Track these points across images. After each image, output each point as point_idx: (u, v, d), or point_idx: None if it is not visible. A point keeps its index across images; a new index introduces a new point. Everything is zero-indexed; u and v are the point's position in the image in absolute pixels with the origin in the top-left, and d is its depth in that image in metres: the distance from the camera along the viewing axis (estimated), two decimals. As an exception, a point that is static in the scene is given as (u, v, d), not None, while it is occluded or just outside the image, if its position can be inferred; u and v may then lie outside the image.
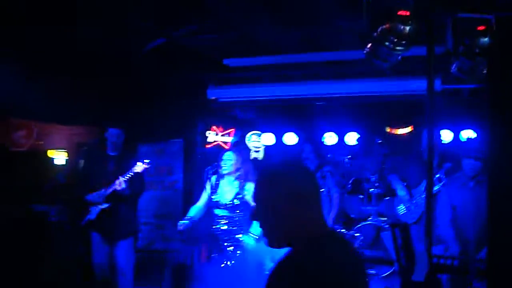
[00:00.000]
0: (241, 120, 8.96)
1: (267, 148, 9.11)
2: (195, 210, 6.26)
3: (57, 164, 9.54)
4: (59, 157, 9.53)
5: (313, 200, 2.10)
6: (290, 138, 8.85)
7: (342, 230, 7.83)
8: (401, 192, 6.75)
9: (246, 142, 9.15)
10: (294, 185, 2.07)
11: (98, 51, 6.74)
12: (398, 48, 4.39)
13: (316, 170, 7.17)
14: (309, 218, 2.07)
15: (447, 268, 4.81)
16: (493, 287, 3.67)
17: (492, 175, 3.78)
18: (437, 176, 6.13)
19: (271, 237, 2.11)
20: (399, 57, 4.62)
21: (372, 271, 7.47)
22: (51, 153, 9.52)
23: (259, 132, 9.05)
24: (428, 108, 4.35)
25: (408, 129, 8.50)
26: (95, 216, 6.42)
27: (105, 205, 6.39)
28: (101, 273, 6.47)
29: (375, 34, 4.35)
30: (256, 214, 2.14)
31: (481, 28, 4.60)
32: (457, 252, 5.43)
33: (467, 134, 8.07)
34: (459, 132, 8.31)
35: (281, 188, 2.06)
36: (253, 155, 9.14)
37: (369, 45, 4.52)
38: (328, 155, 8.68)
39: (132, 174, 6.30)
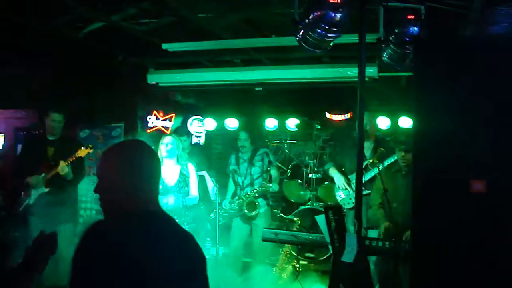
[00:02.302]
0: (183, 105, 8.92)
1: (209, 133, 9.10)
2: None
3: (-6, 148, 9.31)
4: (-4, 141, 9.31)
5: (147, 180, 2.19)
6: (232, 123, 8.86)
7: (281, 215, 7.94)
8: (338, 178, 6.85)
9: (188, 127, 9.12)
10: (132, 162, 2.17)
11: (38, 35, 6.61)
12: (329, 35, 4.42)
13: (252, 156, 7.19)
14: (139, 195, 2.15)
15: (376, 250, 4.92)
16: (416, 268, 3.78)
17: (416, 163, 3.87)
18: (371, 161, 6.24)
19: (105, 209, 2.20)
20: (331, 44, 4.68)
21: (311, 255, 7.60)
22: (-13, 137, 9.29)
23: (200, 117, 9.03)
24: (359, 95, 4.41)
25: (347, 115, 8.61)
26: (34, 200, 6.32)
27: (45, 190, 6.30)
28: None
29: (306, 21, 4.38)
30: (96, 187, 2.21)
31: (411, 17, 4.72)
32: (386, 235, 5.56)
33: (404, 121, 8.25)
34: (397, 119, 8.48)
35: (118, 163, 2.16)
36: (194, 139, 9.13)
37: (301, 32, 4.55)
38: (266, 140, 8.72)
39: (74, 158, 6.24)
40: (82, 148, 6.29)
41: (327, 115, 8.59)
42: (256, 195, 6.94)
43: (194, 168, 6.32)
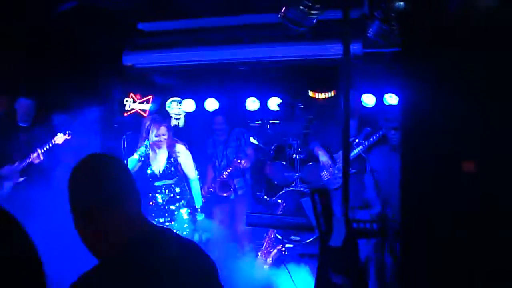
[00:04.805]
0: (160, 86, 8.66)
1: (188, 115, 8.86)
2: (133, 163, 6.06)
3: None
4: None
5: (129, 197, 1.91)
6: (211, 104, 8.64)
7: (265, 197, 7.79)
8: (323, 158, 6.73)
9: (166, 108, 8.87)
10: (108, 184, 1.88)
11: (7, 14, 6.33)
12: (312, 12, 4.25)
13: (227, 138, 7.10)
14: (125, 220, 1.87)
15: (365, 232, 4.80)
16: (405, 248, 3.67)
17: (405, 142, 3.74)
18: (356, 140, 6.12)
19: (91, 248, 1.89)
20: (314, 21, 4.48)
21: (296, 238, 7.47)
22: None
23: (179, 99, 8.79)
24: (344, 75, 4.22)
25: (331, 94, 8.43)
26: (9, 191, 6.09)
27: (20, 179, 6.08)
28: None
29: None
30: (76, 224, 1.90)
31: (396, -9, 4.53)
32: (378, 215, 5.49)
33: (390, 99, 8.10)
34: (382, 96, 8.32)
35: (87, 187, 1.87)
36: (173, 122, 8.88)
37: (283, 9, 4.35)
38: (248, 121, 8.53)
39: (51, 145, 6.03)
40: (59, 134, 6.09)
41: (310, 93, 8.40)
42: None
43: (184, 147, 6.16)
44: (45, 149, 6.06)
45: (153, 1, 6.23)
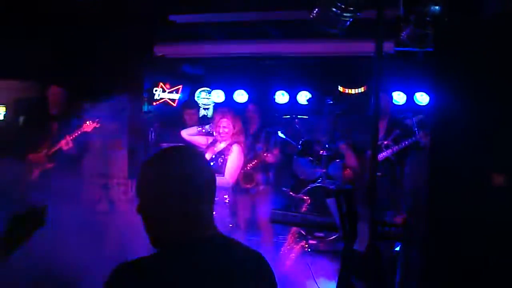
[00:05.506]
0: (190, 76, 8.67)
1: (217, 106, 8.86)
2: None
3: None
4: (-2, 111, 9.09)
5: (201, 196, 1.84)
6: (240, 96, 8.62)
7: (290, 193, 7.75)
8: (349, 157, 6.66)
9: (195, 99, 8.89)
10: (180, 173, 1.81)
11: (39, 2, 6.38)
12: (345, 14, 4.18)
13: (260, 130, 7.02)
14: (194, 216, 1.81)
15: (389, 235, 4.75)
16: (428, 256, 3.63)
17: (433, 144, 3.68)
18: (385, 143, 6.04)
19: (154, 235, 1.85)
20: (347, 23, 4.41)
21: (320, 234, 7.44)
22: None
23: (208, 89, 8.79)
24: (375, 79, 4.16)
25: (361, 89, 8.35)
26: (38, 177, 6.18)
27: (48, 165, 6.15)
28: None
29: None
30: (139, 207, 1.85)
31: (432, -5, 4.43)
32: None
33: (421, 97, 8.01)
34: (413, 94, 8.23)
35: (162, 176, 1.80)
36: (202, 112, 8.90)
37: (316, 9, 4.29)
38: (276, 115, 8.49)
39: (80, 133, 6.09)
40: (88, 122, 6.14)
41: (340, 88, 8.32)
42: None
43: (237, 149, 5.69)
44: (74, 136, 6.11)
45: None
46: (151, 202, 1.81)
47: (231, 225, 5.98)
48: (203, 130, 5.89)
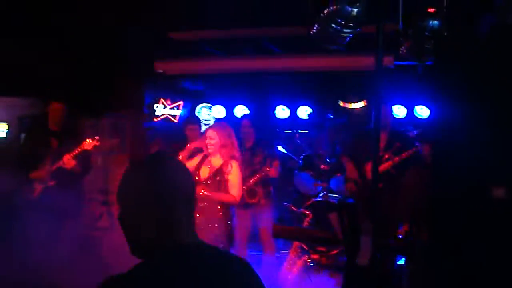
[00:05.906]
0: (191, 92, 8.71)
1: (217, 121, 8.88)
2: None
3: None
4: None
5: (183, 202, 1.84)
6: (241, 111, 8.66)
7: (292, 208, 7.75)
8: (350, 170, 6.67)
9: (196, 114, 8.93)
10: (163, 181, 1.82)
11: (40, 20, 6.41)
12: (345, 30, 4.20)
13: (256, 145, 7.01)
14: (175, 223, 1.81)
15: (391, 248, 4.76)
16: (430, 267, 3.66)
17: (435, 156, 3.72)
18: (386, 156, 6.06)
19: (132, 243, 1.84)
20: (347, 39, 4.44)
21: (322, 249, 7.42)
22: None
23: (209, 105, 8.83)
24: (376, 93, 4.19)
25: (362, 104, 8.38)
26: (40, 194, 6.19)
27: (50, 183, 6.17)
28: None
29: (321, 15, 4.14)
30: (119, 215, 1.86)
31: (431, 10, 4.46)
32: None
33: (421, 111, 8.03)
34: (413, 108, 8.26)
35: (142, 184, 1.81)
36: (203, 128, 8.92)
37: (315, 26, 4.31)
38: (277, 130, 8.51)
39: (80, 150, 6.10)
40: (88, 140, 6.15)
41: (340, 103, 8.36)
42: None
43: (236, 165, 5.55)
44: (74, 154, 6.13)
45: (184, 12, 6.23)
46: (129, 209, 1.82)
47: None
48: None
